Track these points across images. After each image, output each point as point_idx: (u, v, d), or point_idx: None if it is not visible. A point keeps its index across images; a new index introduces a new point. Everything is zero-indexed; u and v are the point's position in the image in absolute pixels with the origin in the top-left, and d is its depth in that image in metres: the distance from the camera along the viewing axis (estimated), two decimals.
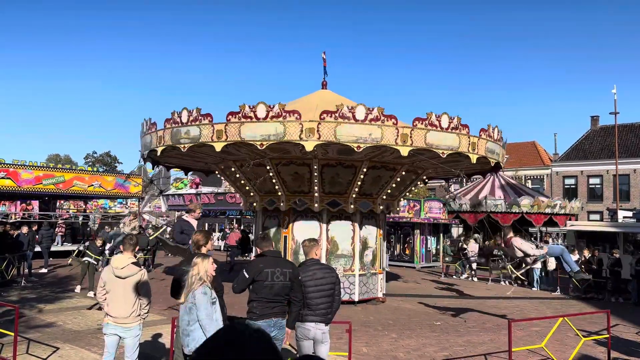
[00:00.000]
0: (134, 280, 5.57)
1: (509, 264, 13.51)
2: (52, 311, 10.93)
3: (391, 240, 24.31)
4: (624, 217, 26.29)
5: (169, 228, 22.46)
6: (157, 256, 21.60)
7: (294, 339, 5.66)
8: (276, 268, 5.18)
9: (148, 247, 19.34)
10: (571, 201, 23.81)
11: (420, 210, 23.88)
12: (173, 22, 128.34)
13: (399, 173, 12.59)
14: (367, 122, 10.18)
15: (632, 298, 14.98)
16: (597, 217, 39.30)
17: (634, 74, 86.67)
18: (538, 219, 22.48)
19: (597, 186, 41.84)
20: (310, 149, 10.16)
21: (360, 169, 11.99)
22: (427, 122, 10.62)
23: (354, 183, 12.28)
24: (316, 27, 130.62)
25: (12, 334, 7.02)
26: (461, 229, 28.17)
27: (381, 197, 13.15)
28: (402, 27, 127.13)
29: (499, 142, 12.51)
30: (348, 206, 12.62)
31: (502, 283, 19.06)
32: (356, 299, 12.90)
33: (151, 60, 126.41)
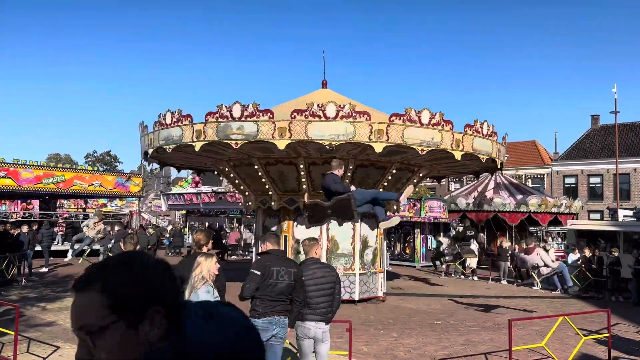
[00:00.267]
0: None
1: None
2: (53, 310, 10.93)
3: (391, 239, 24.32)
4: (625, 216, 26.28)
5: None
6: (157, 255, 21.58)
7: (294, 338, 5.66)
8: (281, 267, 5.18)
9: (148, 246, 19.33)
10: (575, 200, 23.96)
11: (420, 209, 23.88)
12: (173, 22, 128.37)
13: (389, 171, 12.43)
14: (339, 119, 10.12)
15: (633, 298, 14.96)
16: (598, 216, 39.31)
17: (635, 73, 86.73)
18: (544, 218, 22.62)
19: (598, 185, 41.83)
20: (282, 148, 10.24)
21: (346, 168, 11.88)
22: (405, 118, 10.40)
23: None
24: (316, 27, 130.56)
25: (13, 333, 7.02)
26: (461, 228, 28.21)
27: None
28: (402, 27, 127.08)
29: (491, 138, 11.98)
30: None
31: (503, 282, 19.07)
32: (356, 298, 12.91)
33: (151, 59, 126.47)
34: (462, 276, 20.37)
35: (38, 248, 17.95)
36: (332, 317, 5.62)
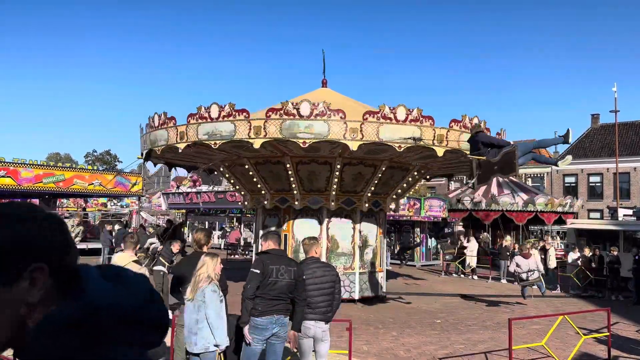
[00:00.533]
0: None
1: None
2: None
3: (391, 238, 24.31)
4: (624, 215, 26.27)
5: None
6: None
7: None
8: (281, 265, 5.15)
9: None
10: (578, 200, 24.08)
11: (420, 208, 23.85)
12: (172, 22, 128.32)
13: (380, 169, 12.30)
14: (313, 118, 10.13)
15: (633, 297, 14.98)
16: (598, 216, 39.30)
17: (635, 72, 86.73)
18: (550, 218, 22.71)
19: (598, 184, 41.82)
20: (257, 147, 10.33)
21: (333, 167, 11.90)
22: (380, 115, 10.28)
23: (331, 180, 12.22)
24: (316, 26, 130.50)
25: None
26: (460, 227, 28.20)
27: (366, 195, 12.80)
28: (402, 26, 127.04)
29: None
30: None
31: (503, 281, 19.07)
32: (356, 297, 12.91)
33: (151, 59, 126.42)
34: (462, 275, 20.37)
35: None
36: (332, 317, 5.61)
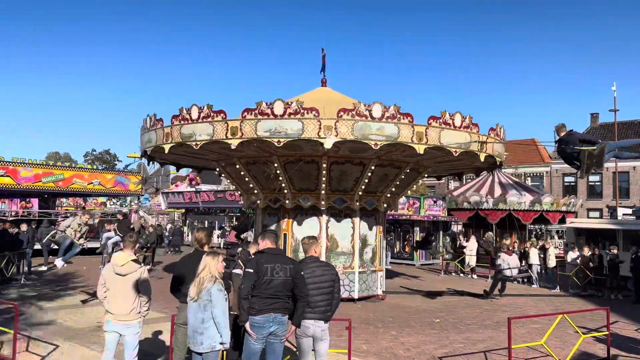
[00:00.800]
0: (134, 277, 5.57)
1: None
2: (52, 309, 10.93)
3: (390, 237, 24.32)
4: (624, 215, 26.31)
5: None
6: (157, 254, 21.60)
7: (294, 337, 5.65)
8: (276, 264, 5.14)
9: (148, 245, 19.33)
10: (579, 199, 24.25)
11: (419, 207, 23.88)
12: (172, 21, 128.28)
13: (369, 168, 12.22)
14: (287, 117, 10.15)
15: (632, 297, 15.02)
16: (597, 215, 39.35)
17: (634, 71, 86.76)
18: (555, 217, 22.85)
19: (597, 183, 41.88)
20: (234, 147, 10.47)
21: (320, 165, 11.89)
22: (355, 113, 10.23)
23: (319, 179, 12.23)
24: (316, 25, 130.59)
25: (12, 332, 7.01)
26: (460, 227, 28.22)
27: (357, 194, 12.72)
28: (402, 25, 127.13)
29: (468, 130, 11.43)
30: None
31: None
32: (356, 297, 12.92)
33: (150, 58, 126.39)
34: (462, 274, 20.39)
35: (37, 246, 17.94)
36: (332, 316, 5.61)
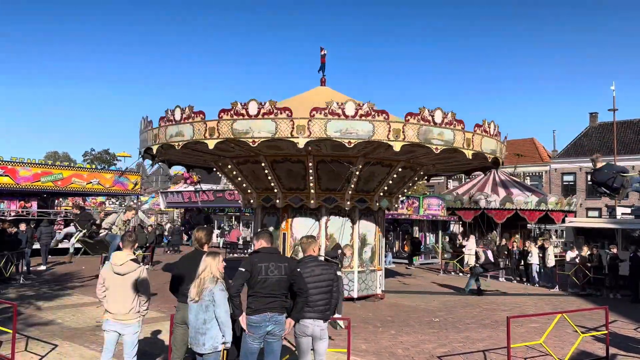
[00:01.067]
0: (133, 277, 5.57)
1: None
2: (51, 308, 10.92)
3: (389, 237, 24.33)
4: (623, 214, 26.30)
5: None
6: (156, 253, 21.60)
7: (292, 336, 5.66)
8: (270, 262, 5.13)
9: (147, 244, 19.35)
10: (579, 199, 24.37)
11: (419, 207, 23.89)
12: (171, 20, 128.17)
13: (356, 167, 12.06)
14: (260, 117, 10.33)
15: (632, 296, 15.08)
16: (596, 214, 39.35)
17: (633, 71, 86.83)
18: (558, 216, 22.96)
19: None
20: (211, 147, 10.71)
21: (307, 164, 11.90)
22: (327, 112, 10.23)
23: (307, 179, 12.24)
24: (316, 25, 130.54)
25: (11, 332, 7.01)
26: (459, 226, 28.23)
27: (348, 193, 12.59)
28: (402, 25, 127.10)
29: (452, 127, 11.14)
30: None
31: (502, 279, 19.12)
32: (355, 296, 12.93)
33: (150, 58, 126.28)
34: (461, 274, 20.40)
35: (36, 246, 17.94)
36: (331, 315, 5.62)
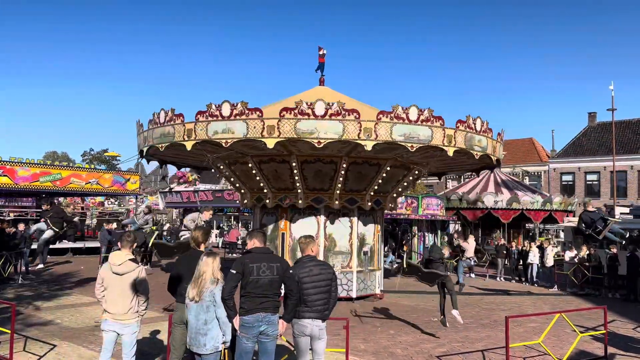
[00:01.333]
0: (132, 277, 5.57)
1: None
2: (49, 309, 10.91)
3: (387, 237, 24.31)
4: (621, 214, 26.32)
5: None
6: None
7: (291, 336, 5.66)
8: (262, 263, 5.13)
9: (146, 244, 19.28)
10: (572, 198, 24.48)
11: (418, 207, 23.87)
12: (171, 20, 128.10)
13: (341, 166, 12.02)
14: (233, 118, 10.49)
15: (626, 295, 15.17)
16: None
17: (632, 71, 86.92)
18: (561, 217, 23.06)
19: (595, 182, 41.93)
20: (189, 148, 11.02)
21: (291, 165, 11.89)
22: (297, 112, 10.20)
23: (293, 178, 12.25)
24: (315, 24, 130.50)
25: (9, 332, 7.00)
26: (456, 226, 28.22)
27: (336, 193, 12.48)
28: (401, 25, 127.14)
29: (429, 124, 10.63)
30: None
31: (500, 279, 19.13)
32: (354, 296, 12.93)
33: (149, 58, 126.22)
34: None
35: (35, 246, 17.90)
36: (329, 315, 5.62)
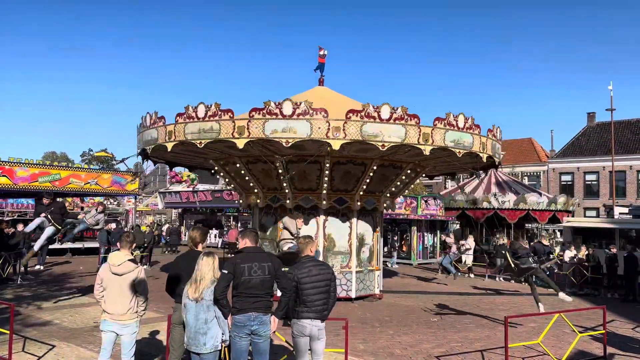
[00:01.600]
0: (131, 277, 5.56)
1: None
2: (48, 309, 10.90)
3: (387, 237, 24.31)
4: (620, 213, 26.37)
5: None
6: (154, 253, 21.57)
7: (290, 336, 5.65)
8: (253, 263, 5.12)
9: (145, 245, 19.32)
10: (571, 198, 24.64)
11: (417, 207, 23.89)
12: (170, 20, 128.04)
13: (324, 166, 11.99)
14: (207, 119, 10.78)
15: (624, 295, 15.20)
16: (594, 214, 39.43)
17: (631, 71, 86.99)
18: (562, 216, 23.21)
19: (594, 182, 41.96)
20: (170, 149, 11.42)
21: (276, 165, 11.98)
22: (265, 112, 10.22)
23: (279, 178, 12.32)
24: (315, 24, 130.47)
25: (8, 332, 6.99)
26: (457, 226, 28.23)
27: (323, 193, 12.48)
28: (401, 25, 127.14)
29: (402, 122, 10.59)
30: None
31: (500, 279, 19.12)
32: (353, 296, 12.93)
33: (148, 58, 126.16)
34: (459, 273, 20.39)
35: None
36: (328, 315, 5.62)
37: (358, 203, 12.91)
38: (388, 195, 13.74)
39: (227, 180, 14.03)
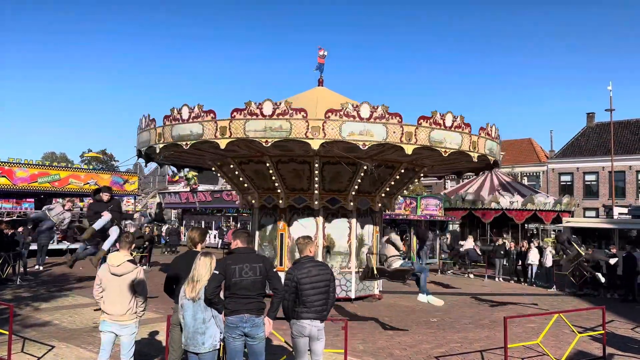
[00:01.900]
0: (130, 277, 5.56)
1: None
2: (48, 310, 10.90)
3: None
4: (620, 214, 26.36)
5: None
6: (154, 254, 21.55)
7: (290, 336, 5.66)
8: (244, 264, 5.09)
9: (144, 245, 19.30)
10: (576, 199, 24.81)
11: (416, 207, 23.86)
12: (170, 21, 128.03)
13: (313, 166, 12.02)
14: (191, 121, 10.91)
15: (623, 296, 15.22)
16: (593, 214, 39.40)
17: (630, 71, 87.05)
18: (564, 216, 23.37)
19: (593, 183, 41.94)
20: (158, 151, 11.63)
21: (266, 165, 12.04)
22: (247, 112, 10.29)
23: (271, 179, 12.39)
24: (315, 24, 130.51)
25: (7, 333, 6.99)
26: (456, 226, 28.23)
27: (315, 194, 12.46)
28: (400, 25, 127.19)
29: (384, 121, 10.57)
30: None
31: (499, 279, 19.13)
32: (353, 296, 12.92)
33: (148, 57, 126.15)
34: (458, 273, 20.41)
35: (33, 247, 17.88)
36: (327, 315, 5.62)
37: (351, 203, 12.81)
38: (383, 195, 13.62)
39: (226, 180, 14.12)
